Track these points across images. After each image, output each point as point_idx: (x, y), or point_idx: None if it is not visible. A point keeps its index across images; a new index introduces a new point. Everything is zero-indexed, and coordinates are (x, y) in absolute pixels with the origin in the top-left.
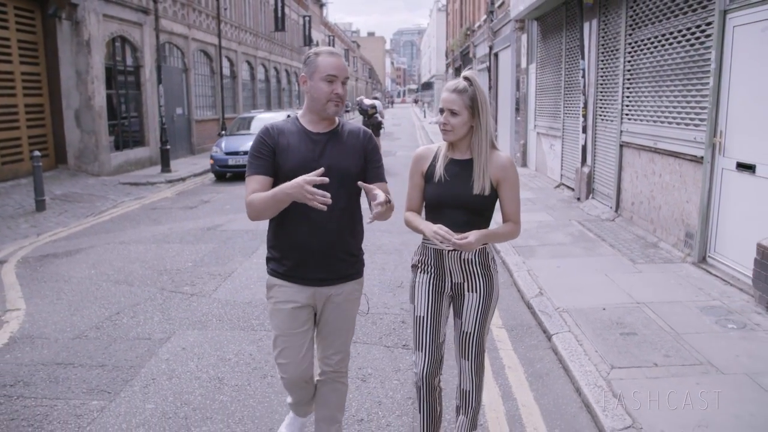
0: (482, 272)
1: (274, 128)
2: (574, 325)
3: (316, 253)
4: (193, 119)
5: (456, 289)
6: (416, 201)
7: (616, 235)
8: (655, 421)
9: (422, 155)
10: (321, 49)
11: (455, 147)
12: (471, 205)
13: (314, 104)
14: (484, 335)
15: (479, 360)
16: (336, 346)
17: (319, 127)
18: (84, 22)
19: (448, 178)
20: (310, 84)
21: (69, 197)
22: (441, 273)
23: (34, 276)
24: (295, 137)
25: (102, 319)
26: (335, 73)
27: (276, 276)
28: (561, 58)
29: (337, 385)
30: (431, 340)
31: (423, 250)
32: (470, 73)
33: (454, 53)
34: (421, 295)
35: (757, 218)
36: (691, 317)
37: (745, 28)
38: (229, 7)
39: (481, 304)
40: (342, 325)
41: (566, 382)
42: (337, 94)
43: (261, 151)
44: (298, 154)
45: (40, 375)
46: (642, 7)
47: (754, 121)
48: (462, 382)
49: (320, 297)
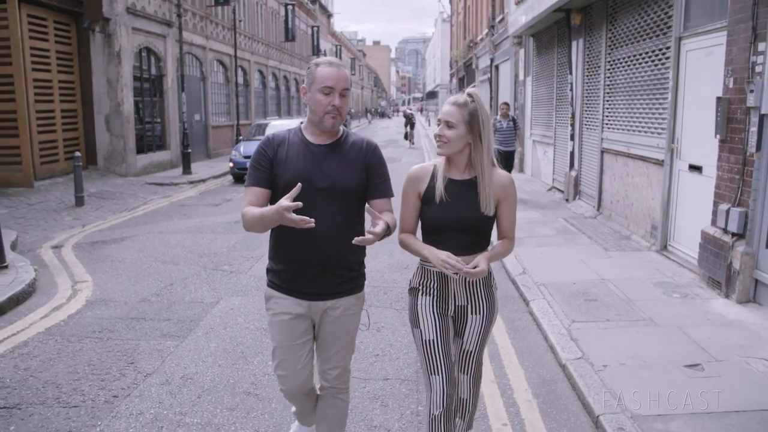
0: (485, 293)
1: (276, 138)
2: (548, 294)
3: (312, 267)
4: (210, 125)
5: (458, 312)
6: (411, 222)
7: (595, 229)
8: (600, 355)
9: (417, 176)
10: (321, 59)
11: (453, 166)
12: (475, 227)
13: (313, 116)
14: (482, 352)
15: (478, 373)
16: (333, 361)
17: (320, 139)
18: (115, 35)
19: (449, 200)
20: (309, 95)
21: (102, 195)
22: (444, 295)
23: (90, 257)
24: (294, 148)
25: (159, 289)
26: (332, 84)
27: (274, 288)
28: (553, 72)
29: (337, 402)
30: (445, 361)
31: (423, 273)
32: (474, 90)
33: (458, 64)
34: (427, 318)
35: (704, 211)
36: (644, 290)
37: (694, 53)
38: (244, 19)
39: (483, 324)
40: (339, 340)
41: (537, 333)
42: (334, 106)
43: (260, 162)
44: (297, 166)
45: (120, 325)
46: (618, 30)
47: (701, 129)
48: (460, 391)
49: (316, 310)
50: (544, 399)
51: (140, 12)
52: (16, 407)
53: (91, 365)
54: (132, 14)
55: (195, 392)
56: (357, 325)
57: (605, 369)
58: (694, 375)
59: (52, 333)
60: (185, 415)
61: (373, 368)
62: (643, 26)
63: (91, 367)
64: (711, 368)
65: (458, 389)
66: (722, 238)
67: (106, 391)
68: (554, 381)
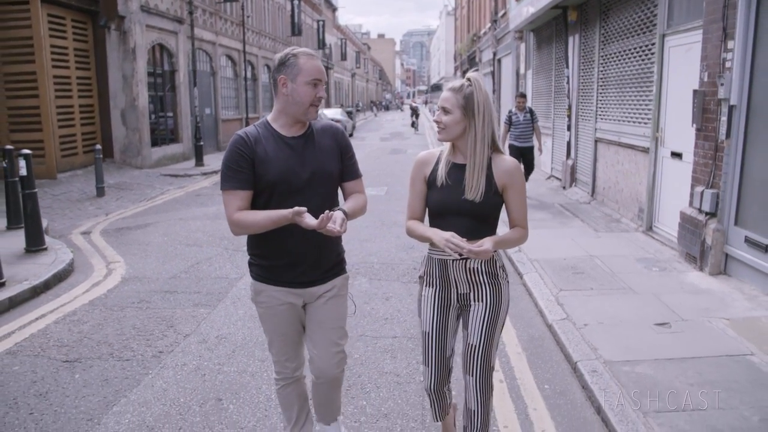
0: (489, 281)
1: (249, 137)
2: (540, 268)
3: (308, 257)
4: (219, 119)
5: (463, 300)
6: (419, 209)
7: (588, 213)
8: (582, 316)
9: (424, 160)
10: (299, 50)
11: (457, 150)
12: (475, 211)
13: (294, 108)
14: (491, 350)
15: (485, 377)
16: (334, 346)
17: (292, 131)
18: (130, 32)
19: (450, 183)
20: (292, 87)
21: (121, 186)
22: (446, 285)
23: (118, 241)
24: (271, 144)
25: (186, 267)
26: (320, 77)
27: (264, 281)
28: (552, 66)
29: (333, 385)
30: (437, 356)
31: (428, 261)
32: (474, 75)
33: (462, 57)
34: (427, 311)
35: (684, 193)
36: (627, 264)
37: (676, 49)
38: (251, 15)
39: (487, 314)
40: (335, 320)
41: (529, 301)
42: (321, 98)
43: (240, 164)
44: (279, 164)
45: (156, 297)
46: (610, 27)
47: (681, 119)
48: (468, 400)
49: (311, 296)
50: (531, 352)
51: (153, 10)
52: (77, 360)
53: (136, 328)
54: (145, 12)
55: (229, 348)
56: (346, 307)
57: (585, 327)
58: (662, 331)
59: (95, 304)
60: (223, 365)
61: (383, 329)
62: (632, 23)
63: (136, 330)
64: (677, 326)
65: (466, 397)
66: (697, 217)
67: (152, 348)
68: (541, 338)
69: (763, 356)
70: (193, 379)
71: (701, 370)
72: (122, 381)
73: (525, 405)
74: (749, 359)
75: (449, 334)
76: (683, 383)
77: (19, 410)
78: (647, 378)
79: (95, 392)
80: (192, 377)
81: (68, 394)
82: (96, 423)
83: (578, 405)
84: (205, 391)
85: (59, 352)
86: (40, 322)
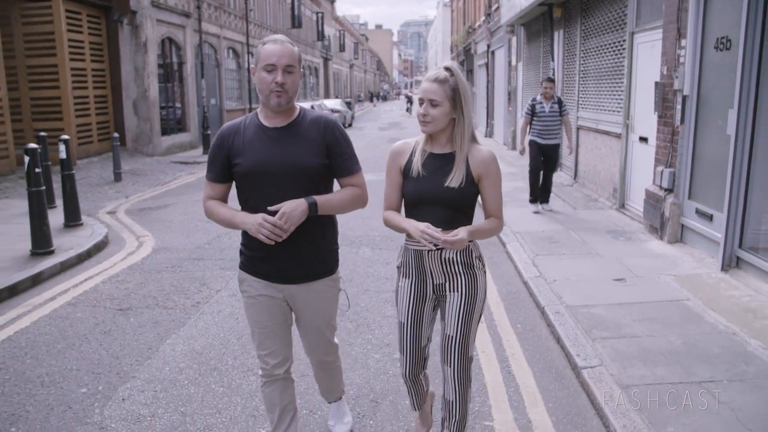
0: (465, 271)
1: (230, 129)
2: (521, 238)
3: (282, 253)
4: (224, 109)
5: (438, 291)
6: (395, 199)
7: (570, 194)
8: (552, 274)
9: (399, 150)
10: (267, 38)
11: (434, 140)
12: (450, 201)
13: (261, 96)
14: (468, 341)
15: (463, 367)
16: (315, 344)
17: (275, 121)
18: (141, 26)
19: (425, 173)
20: (257, 75)
21: (135, 172)
22: (422, 276)
23: (143, 219)
24: (250, 135)
25: (208, 240)
26: (273, 61)
27: (245, 270)
28: (540, 59)
29: (330, 371)
30: (412, 345)
31: (404, 252)
32: (451, 63)
33: (458, 48)
34: (403, 302)
35: (650, 173)
36: (597, 235)
37: (643, 45)
38: (254, 8)
39: (463, 305)
40: (317, 324)
41: (509, 264)
42: (277, 83)
43: (216, 156)
44: (254, 154)
45: (186, 263)
46: (589, 23)
47: (647, 108)
48: (445, 391)
49: (289, 294)
50: (509, 302)
51: (163, 5)
52: (129, 309)
53: (174, 286)
54: (156, 7)
55: None
56: (334, 307)
57: (555, 282)
58: (618, 285)
59: (134, 269)
60: None
61: (384, 285)
62: (607, 21)
63: (174, 287)
64: (631, 281)
65: (444, 388)
66: (658, 193)
67: (190, 300)
68: (518, 292)
69: (697, 301)
70: (228, 321)
71: (644, 310)
72: (169, 323)
73: (500, 338)
74: (685, 303)
75: (425, 324)
76: (627, 320)
77: (90, 343)
78: (599, 317)
79: (149, 331)
80: (228, 320)
81: (127, 332)
82: (155, 350)
83: (543, 337)
84: (240, 329)
85: (112, 303)
86: (89, 282)
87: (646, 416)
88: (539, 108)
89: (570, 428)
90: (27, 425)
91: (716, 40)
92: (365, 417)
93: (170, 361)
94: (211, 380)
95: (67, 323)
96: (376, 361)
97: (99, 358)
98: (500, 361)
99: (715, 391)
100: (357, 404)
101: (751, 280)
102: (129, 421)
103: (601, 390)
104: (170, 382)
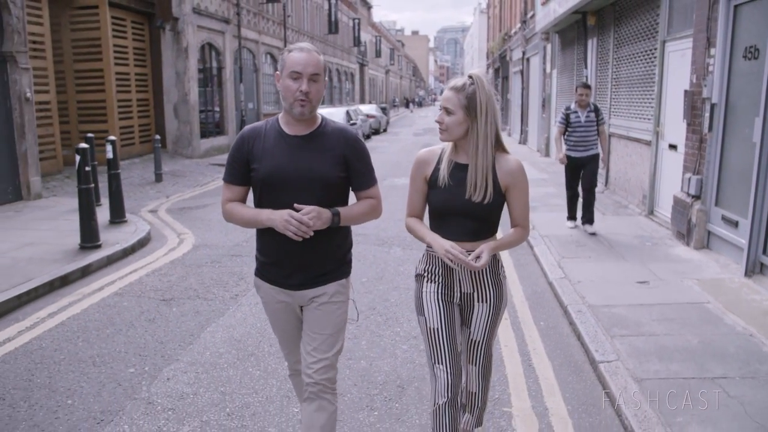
0: (493, 281)
1: (252, 133)
2: (548, 242)
3: (294, 260)
4: (261, 113)
5: (465, 299)
6: (418, 206)
7: (600, 200)
8: (577, 276)
9: (424, 159)
10: (293, 46)
11: (460, 149)
12: (477, 213)
13: (285, 103)
14: (491, 342)
15: (486, 364)
16: (319, 352)
17: (296, 129)
18: (183, 32)
19: (452, 184)
20: (281, 82)
21: (175, 173)
22: (450, 283)
23: (183, 218)
24: (270, 141)
25: (246, 238)
26: (299, 69)
27: (260, 277)
28: (573, 66)
29: (324, 403)
30: (450, 350)
31: (429, 259)
32: (477, 72)
33: (494, 55)
34: (431, 306)
35: (678, 180)
36: (625, 240)
37: (674, 53)
38: (292, 14)
39: (491, 314)
40: (325, 328)
41: (536, 266)
42: (302, 91)
43: (235, 158)
44: (272, 160)
45: (225, 258)
46: (622, 32)
47: (677, 116)
48: (469, 384)
49: (301, 299)
50: (533, 301)
51: (204, 11)
52: (171, 300)
53: (213, 279)
54: (197, 14)
55: None
56: (344, 316)
57: (579, 283)
58: (641, 287)
59: (176, 263)
60: None
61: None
62: (640, 29)
63: (214, 280)
64: (654, 284)
65: (467, 382)
66: (686, 199)
67: (229, 293)
68: (543, 292)
69: (717, 304)
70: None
71: (664, 311)
72: (210, 313)
73: (523, 333)
74: (705, 306)
75: (457, 327)
76: (647, 319)
77: (136, 329)
78: (620, 316)
79: (191, 319)
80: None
81: (170, 319)
82: (196, 337)
83: (564, 334)
84: None
85: (156, 294)
86: (134, 275)
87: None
88: (574, 118)
89: (584, 416)
90: (82, 398)
91: (745, 50)
92: (391, 401)
93: (210, 346)
94: (248, 364)
95: (115, 311)
96: (404, 351)
97: (145, 342)
98: (522, 355)
99: (727, 387)
100: (384, 389)
101: None
102: (173, 397)
103: (616, 382)
104: (211, 365)
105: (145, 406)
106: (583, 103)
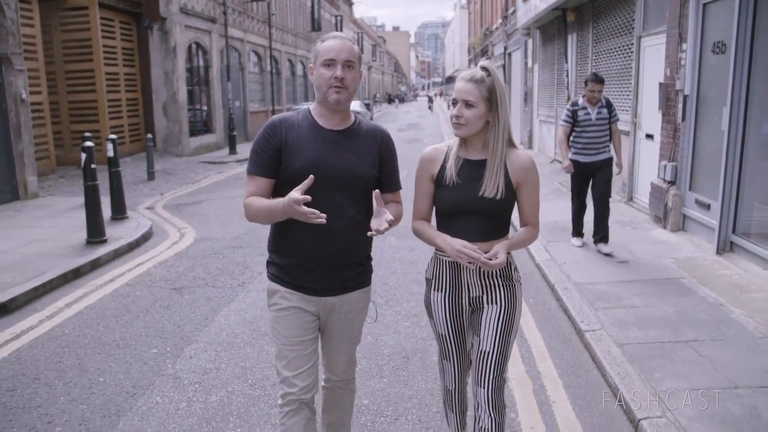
0: (504, 283)
1: (284, 122)
2: None
3: (323, 263)
4: (248, 111)
5: (475, 303)
6: (425, 208)
7: None
8: (563, 258)
9: (430, 157)
10: (326, 35)
11: (469, 145)
12: (489, 211)
13: (319, 93)
14: (505, 359)
15: (497, 390)
16: (343, 356)
17: (331, 123)
18: (171, 32)
19: (461, 182)
20: (315, 73)
21: (167, 171)
22: (458, 289)
23: (181, 214)
24: (305, 132)
25: (245, 230)
26: (333, 56)
27: (279, 282)
28: (554, 61)
29: (345, 392)
30: (459, 351)
31: (436, 263)
32: (488, 63)
33: (476, 50)
34: (440, 315)
35: (655, 168)
36: None
37: (649, 48)
38: (276, 13)
39: (502, 318)
40: (347, 335)
41: (524, 251)
42: (337, 77)
43: (264, 149)
44: (308, 153)
45: (227, 250)
46: (600, 28)
47: (653, 107)
48: (479, 417)
49: (325, 306)
50: (523, 282)
51: (191, 11)
52: (182, 288)
53: (219, 269)
54: (184, 13)
55: None
56: (364, 318)
57: (564, 264)
58: (622, 266)
59: (180, 256)
60: None
61: (410, 268)
62: (617, 26)
63: (220, 270)
64: (634, 263)
65: (476, 414)
66: (662, 185)
67: (236, 280)
68: (531, 273)
69: (691, 279)
70: None
71: (643, 287)
72: (220, 299)
73: None
74: (681, 281)
75: (467, 332)
76: (627, 294)
77: (152, 315)
78: (603, 291)
79: (203, 305)
80: None
81: (184, 306)
82: (211, 320)
83: (552, 309)
84: None
85: (166, 284)
86: (142, 267)
87: (637, 366)
88: (583, 115)
89: (573, 378)
90: (112, 376)
91: (713, 45)
92: (398, 369)
93: (226, 328)
94: (263, 342)
95: (129, 300)
96: (406, 327)
97: (163, 326)
98: None
99: (698, 348)
100: (391, 360)
101: (742, 262)
102: (198, 372)
103: (601, 348)
104: (228, 344)
105: (172, 380)
106: (593, 100)
